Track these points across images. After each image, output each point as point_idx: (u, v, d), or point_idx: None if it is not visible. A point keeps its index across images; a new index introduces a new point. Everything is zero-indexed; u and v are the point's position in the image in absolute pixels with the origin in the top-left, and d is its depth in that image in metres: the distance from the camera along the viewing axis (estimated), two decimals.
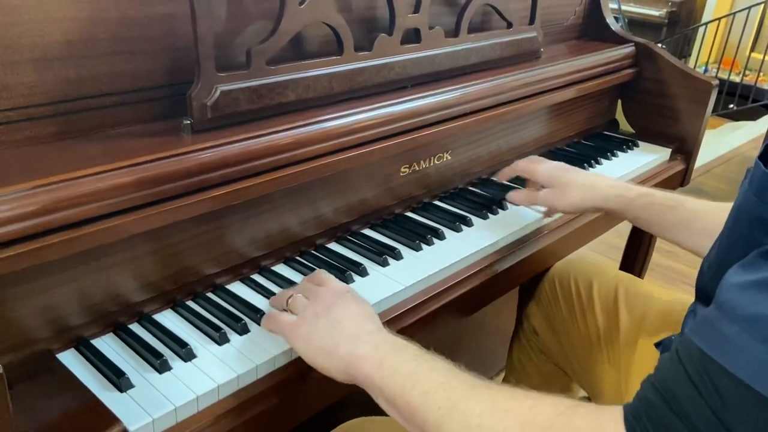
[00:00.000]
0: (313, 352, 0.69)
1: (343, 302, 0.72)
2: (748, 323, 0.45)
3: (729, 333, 0.46)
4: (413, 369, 0.62)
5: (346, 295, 0.74)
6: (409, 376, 0.62)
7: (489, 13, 1.19)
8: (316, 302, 0.73)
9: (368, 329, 0.69)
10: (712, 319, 0.48)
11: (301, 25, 0.87)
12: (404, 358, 0.64)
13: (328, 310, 0.71)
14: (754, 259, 0.49)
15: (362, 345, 0.66)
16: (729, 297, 0.48)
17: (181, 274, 0.81)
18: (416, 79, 1.04)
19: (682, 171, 1.45)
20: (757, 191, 0.58)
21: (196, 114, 0.79)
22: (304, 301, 0.74)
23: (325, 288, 0.75)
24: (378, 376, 0.63)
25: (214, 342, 0.76)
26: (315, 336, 0.69)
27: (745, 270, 0.49)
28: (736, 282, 0.48)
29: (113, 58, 0.75)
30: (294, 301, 0.75)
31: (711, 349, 0.47)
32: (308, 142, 0.85)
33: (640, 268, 1.62)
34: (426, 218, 1.07)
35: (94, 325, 0.75)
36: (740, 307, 0.46)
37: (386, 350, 0.65)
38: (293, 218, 0.92)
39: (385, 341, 0.67)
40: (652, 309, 1.01)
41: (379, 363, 0.64)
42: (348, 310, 0.71)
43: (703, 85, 1.40)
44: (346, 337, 0.68)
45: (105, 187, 0.67)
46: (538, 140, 1.34)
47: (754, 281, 0.47)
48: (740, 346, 0.45)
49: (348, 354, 0.66)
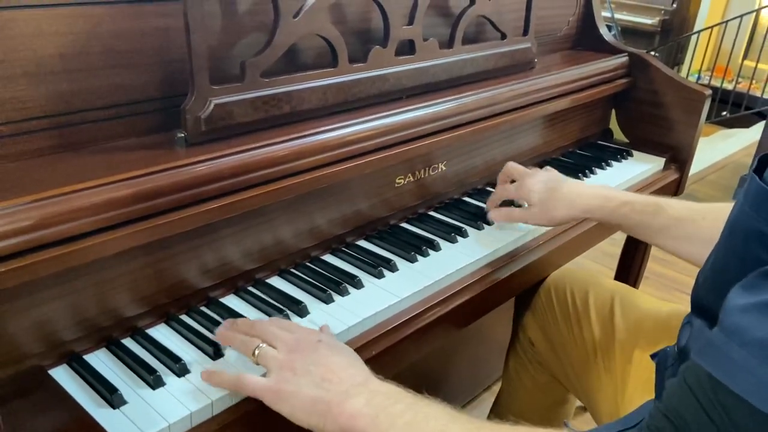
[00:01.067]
0: (303, 414, 0.65)
1: (322, 354, 0.68)
2: (757, 347, 0.45)
3: (737, 358, 0.45)
4: (410, 419, 0.61)
5: (321, 345, 0.69)
6: (407, 427, 0.60)
7: (483, 24, 1.19)
8: (291, 356, 0.68)
9: (356, 381, 0.66)
10: (719, 343, 0.47)
11: (295, 37, 0.87)
12: (399, 410, 0.62)
13: (308, 367, 0.66)
14: (756, 279, 0.49)
15: (353, 401, 0.63)
16: (734, 320, 0.47)
17: (175, 288, 0.81)
18: (411, 91, 1.04)
19: (676, 180, 1.45)
20: (752, 205, 0.58)
21: (190, 127, 0.79)
22: (276, 354, 0.69)
23: (295, 337, 0.70)
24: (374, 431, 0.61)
25: (208, 357, 0.75)
26: (300, 398, 0.65)
27: (748, 291, 0.49)
28: (741, 304, 0.48)
29: (107, 71, 0.75)
30: (264, 354, 0.69)
31: (720, 375, 0.46)
32: (303, 154, 0.85)
33: (635, 277, 1.63)
34: (421, 229, 1.07)
35: (87, 341, 0.75)
36: (747, 331, 0.46)
37: (379, 403, 0.63)
38: (288, 230, 0.91)
39: (377, 393, 0.64)
40: (647, 320, 1.01)
41: (375, 418, 0.62)
42: (329, 362, 0.67)
43: (697, 95, 1.40)
44: (335, 393, 0.64)
45: (99, 201, 0.66)
46: (534, 150, 1.34)
47: (759, 303, 0.46)
48: (749, 371, 0.44)
49: (340, 413, 0.63)
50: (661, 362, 0.83)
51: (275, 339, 0.70)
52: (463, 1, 1.11)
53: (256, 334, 0.72)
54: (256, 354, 0.70)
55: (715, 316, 0.66)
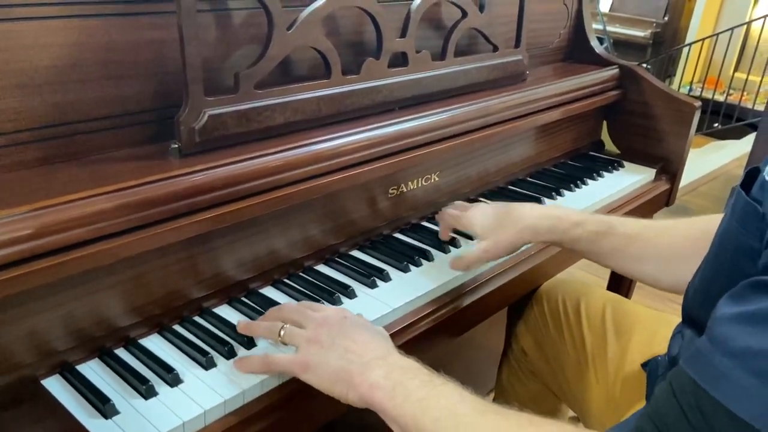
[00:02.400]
0: (328, 383, 0.69)
1: (346, 328, 0.72)
2: (740, 356, 0.46)
3: (721, 366, 0.46)
4: (423, 396, 0.63)
5: (345, 321, 0.74)
6: (419, 402, 0.63)
7: (475, 37, 1.21)
8: (317, 332, 0.72)
9: (377, 355, 0.69)
10: (706, 351, 0.49)
11: (289, 49, 0.87)
12: (415, 385, 0.65)
13: (334, 340, 0.71)
14: (743, 290, 0.50)
15: (374, 373, 0.67)
16: (721, 330, 0.48)
17: (168, 298, 0.81)
18: (404, 102, 1.05)
19: (667, 191, 1.46)
20: (740, 220, 0.58)
21: (184, 138, 0.79)
22: (302, 332, 0.73)
23: (321, 315, 0.75)
24: (390, 404, 0.64)
25: (200, 366, 0.75)
26: (327, 368, 0.69)
27: (735, 302, 0.50)
28: (728, 314, 0.49)
29: (101, 82, 0.76)
30: (290, 332, 0.74)
31: (704, 381, 0.47)
32: (297, 165, 0.85)
33: (627, 287, 1.63)
34: (415, 239, 1.07)
35: (80, 351, 0.75)
36: (732, 340, 0.47)
37: (397, 377, 0.66)
38: (281, 240, 0.92)
39: (396, 367, 0.67)
40: (638, 329, 1.01)
41: (391, 391, 0.65)
42: (353, 336, 0.71)
43: (687, 106, 1.42)
44: (357, 365, 0.68)
45: (93, 211, 0.67)
46: (526, 161, 1.35)
47: (745, 314, 0.48)
48: (732, 379, 0.45)
49: (361, 383, 0.66)
50: (652, 371, 0.84)
51: (303, 318, 0.75)
52: (456, 14, 1.12)
53: (283, 317, 0.76)
54: (282, 335, 0.74)
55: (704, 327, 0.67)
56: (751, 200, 0.57)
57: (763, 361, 0.44)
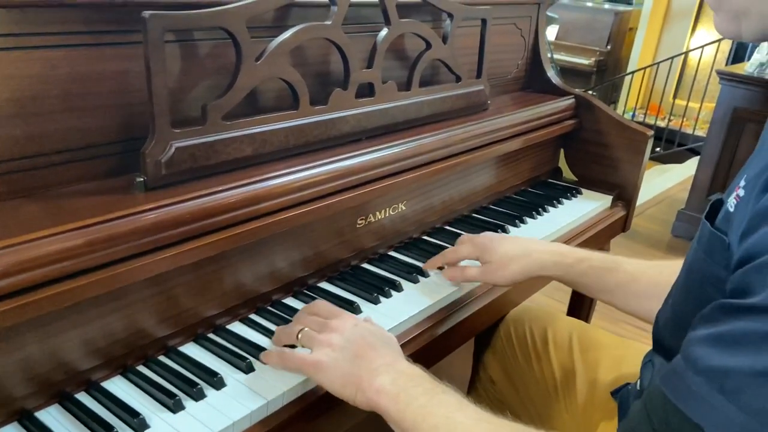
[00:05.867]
0: (338, 386, 0.72)
1: (358, 334, 0.75)
2: (710, 375, 0.48)
3: (693, 384, 0.49)
4: (425, 402, 0.67)
5: (358, 327, 0.77)
6: (420, 409, 0.66)
7: (438, 67, 1.22)
8: (332, 335, 0.75)
9: (386, 361, 0.72)
10: (679, 369, 0.51)
11: (257, 80, 0.86)
12: (418, 393, 0.68)
13: (346, 345, 0.74)
14: (714, 312, 0.52)
15: (381, 378, 0.70)
16: (693, 350, 0.51)
17: (132, 338, 0.78)
18: (371, 132, 1.05)
19: (623, 217, 1.50)
20: (706, 250, 0.60)
21: (150, 171, 0.77)
22: (318, 336, 0.76)
23: (337, 321, 0.78)
24: (394, 409, 0.68)
25: (168, 410, 0.72)
26: (338, 371, 0.72)
27: (706, 324, 0.52)
28: (700, 335, 0.52)
29: (64, 115, 0.73)
30: (306, 335, 0.77)
31: (676, 398, 0.50)
32: (265, 198, 0.84)
33: (587, 311, 1.66)
34: (384, 270, 1.06)
35: (38, 396, 0.70)
36: (703, 360, 0.50)
37: (402, 384, 0.69)
38: (248, 274, 0.90)
39: (402, 374, 0.71)
40: (605, 357, 1.02)
41: (396, 396, 0.68)
42: (364, 341, 0.75)
43: (639, 135, 1.46)
44: (365, 370, 0.71)
45: (54, 250, 0.64)
46: (488, 189, 1.37)
47: (715, 335, 0.50)
48: (702, 397, 0.48)
49: (369, 387, 0.70)
50: (624, 401, 0.85)
51: (317, 323, 0.78)
52: (420, 45, 1.14)
53: (301, 322, 0.80)
54: (299, 337, 0.78)
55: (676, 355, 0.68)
56: (717, 231, 0.59)
57: (731, 380, 0.47)
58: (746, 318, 0.48)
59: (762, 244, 0.49)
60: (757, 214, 0.51)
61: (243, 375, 0.79)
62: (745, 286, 0.49)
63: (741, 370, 0.46)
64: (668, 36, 5.80)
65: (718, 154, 3.00)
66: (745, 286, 0.49)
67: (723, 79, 2.93)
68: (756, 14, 0.58)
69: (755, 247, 0.50)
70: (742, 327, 0.48)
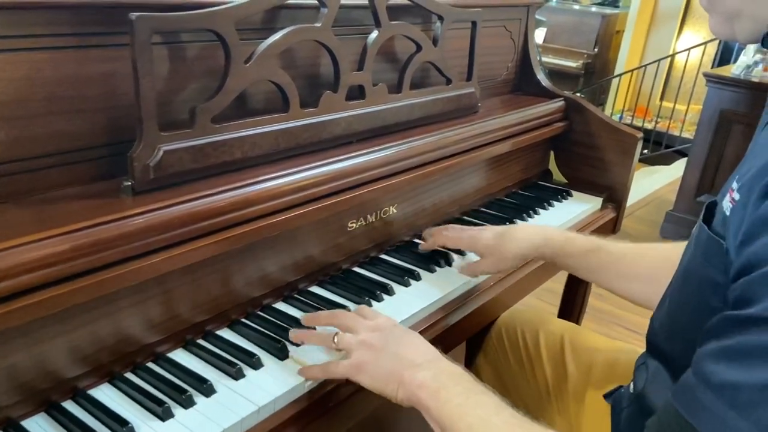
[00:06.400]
0: (380, 384, 0.74)
1: (397, 334, 0.78)
2: (720, 390, 0.48)
3: (704, 399, 0.50)
4: (462, 401, 0.67)
5: (396, 328, 0.79)
6: (458, 407, 0.67)
7: (429, 70, 1.22)
8: (371, 336, 0.77)
9: (428, 358, 0.74)
10: (690, 385, 0.52)
11: (246, 83, 0.85)
12: (457, 391, 0.69)
13: (386, 344, 0.76)
14: (722, 326, 0.52)
15: (423, 374, 0.71)
16: (703, 365, 0.51)
17: (120, 344, 0.76)
18: (361, 135, 1.04)
19: (613, 219, 1.51)
20: (703, 254, 0.60)
21: (138, 175, 0.76)
22: (355, 338, 0.78)
23: (373, 323, 0.80)
24: (433, 405, 0.68)
25: (157, 418, 0.71)
26: (380, 369, 0.74)
27: (715, 337, 0.52)
28: (709, 350, 0.52)
29: (49, 118, 0.72)
30: (342, 338, 0.79)
31: (688, 413, 0.50)
32: (254, 202, 0.83)
33: (578, 313, 1.66)
34: (374, 273, 1.06)
35: (24, 405, 0.69)
36: (713, 375, 0.50)
37: (443, 381, 0.70)
38: (239, 279, 0.88)
39: (443, 372, 0.72)
40: (597, 360, 1.02)
41: (435, 393, 0.69)
42: (404, 341, 0.77)
43: (629, 137, 1.47)
44: (407, 366, 0.73)
45: (40, 256, 0.62)
46: (479, 191, 1.36)
47: (724, 349, 0.50)
48: (713, 411, 0.48)
49: (411, 382, 0.71)
50: (616, 404, 0.84)
51: (355, 324, 0.80)
52: (410, 48, 1.13)
53: (337, 323, 0.82)
54: (336, 341, 0.79)
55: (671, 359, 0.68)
56: (714, 235, 0.59)
57: (741, 394, 0.47)
58: (753, 330, 0.48)
59: (761, 254, 0.49)
60: (756, 221, 0.51)
61: (233, 381, 0.78)
62: (747, 296, 0.49)
63: (751, 385, 0.46)
64: (655, 39, 5.84)
65: (705, 156, 3.02)
66: (748, 295, 0.49)
67: (710, 82, 2.95)
68: (748, 16, 0.58)
69: (757, 256, 0.50)
70: (749, 340, 0.48)
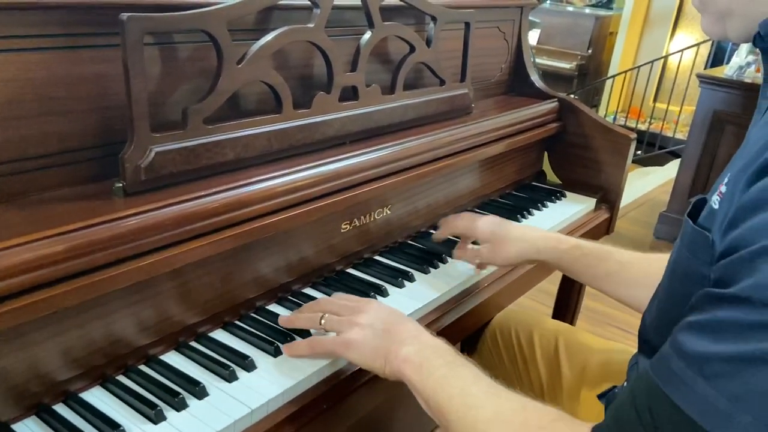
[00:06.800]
0: (368, 360, 0.77)
1: (381, 313, 0.80)
2: (693, 360, 0.50)
3: (677, 368, 0.51)
4: (444, 373, 0.70)
5: (380, 307, 0.82)
6: (441, 379, 0.70)
7: (422, 71, 1.22)
8: (356, 315, 0.79)
9: (411, 334, 0.77)
10: (666, 355, 0.54)
11: (239, 83, 0.85)
12: (439, 364, 0.72)
13: (372, 323, 0.78)
14: (699, 301, 0.54)
15: (407, 348, 0.74)
16: (678, 336, 0.53)
17: (112, 347, 0.76)
18: (355, 136, 1.04)
19: (607, 219, 1.51)
20: (689, 248, 0.61)
21: (129, 176, 0.75)
22: (343, 318, 0.80)
23: (356, 304, 0.82)
24: (417, 378, 0.72)
25: (149, 421, 0.70)
26: (368, 346, 0.77)
27: (692, 312, 0.54)
28: (686, 322, 0.54)
29: (40, 119, 0.71)
30: (330, 319, 0.81)
31: (661, 381, 0.52)
32: (248, 203, 0.82)
33: (572, 314, 1.66)
34: (368, 274, 1.05)
35: (15, 409, 0.68)
36: (686, 346, 0.52)
37: (426, 355, 0.73)
38: (232, 281, 0.88)
39: (427, 346, 0.75)
40: (591, 360, 1.02)
41: (419, 366, 0.72)
42: (388, 319, 0.79)
43: (622, 138, 1.47)
44: (393, 341, 0.76)
45: (31, 258, 0.62)
46: (473, 193, 1.36)
47: (700, 322, 0.52)
48: (685, 381, 0.50)
49: (396, 357, 0.74)
50: (610, 404, 0.84)
51: (339, 308, 0.82)
52: (404, 49, 1.13)
53: (321, 308, 0.83)
54: (323, 323, 0.81)
55: None
56: (700, 228, 0.59)
57: (711, 366, 0.49)
58: (728, 307, 0.49)
59: (745, 236, 0.50)
60: (742, 206, 0.51)
61: (226, 383, 0.77)
62: (728, 277, 0.51)
63: (721, 357, 0.48)
64: (648, 40, 5.87)
65: (698, 157, 3.03)
66: (729, 276, 0.50)
67: (703, 83, 2.97)
68: (740, 15, 0.58)
69: (739, 238, 0.51)
70: (724, 315, 0.49)
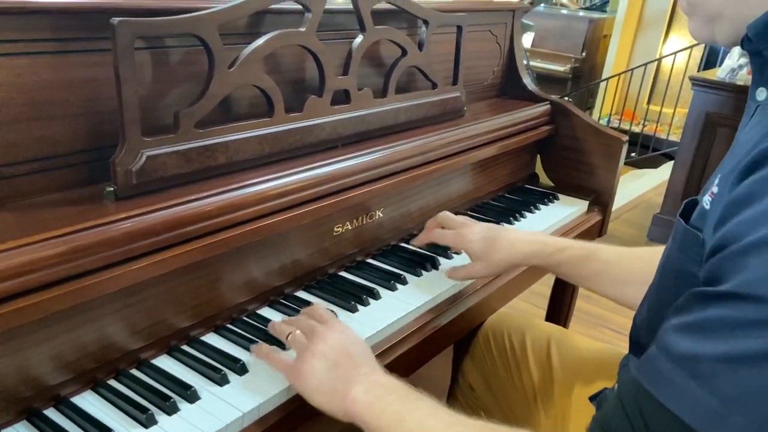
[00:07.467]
0: (313, 393, 0.74)
1: (340, 344, 0.76)
2: (681, 361, 0.50)
3: (665, 370, 0.51)
4: (399, 409, 0.68)
5: (341, 336, 0.78)
6: (395, 415, 0.67)
7: (414, 74, 1.22)
8: (315, 343, 0.76)
9: (362, 372, 0.73)
10: (653, 356, 0.53)
11: (231, 87, 0.85)
12: (392, 399, 0.69)
13: (326, 353, 0.75)
14: (686, 301, 0.53)
15: (356, 388, 0.71)
16: (666, 337, 0.53)
17: (103, 351, 0.76)
18: (347, 139, 1.04)
19: (599, 222, 1.51)
20: (680, 247, 0.61)
21: (120, 180, 0.76)
22: (304, 341, 0.78)
23: (323, 327, 0.79)
24: (369, 416, 0.69)
25: (140, 425, 0.70)
26: (314, 379, 0.74)
27: (679, 312, 0.53)
28: (673, 323, 0.53)
29: (30, 123, 0.71)
30: (294, 338, 0.79)
31: (649, 384, 0.51)
32: (239, 207, 0.82)
33: (565, 316, 1.67)
34: (361, 277, 1.05)
35: (5, 413, 0.68)
36: (674, 346, 0.51)
37: (376, 393, 0.71)
38: (224, 284, 0.88)
39: (377, 384, 0.72)
40: (583, 362, 1.03)
41: (370, 405, 0.69)
42: (344, 351, 0.75)
43: (614, 141, 1.48)
44: (342, 379, 0.72)
45: (21, 262, 0.62)
46: (465, 195, 1.37)
47: (687, 322, 0.52)
48: (674, 382, 0.50)
49: (344, 397, 0.71)
50: (602, 405, 0.85)
51: (308, 328, 0.80)
52: (396, 52, 1.13)
53: (296, 324, 0.82)
54: (289, 339, 0.80)
55: None
56: (691, 228, 0.59)
57: (702, 366, 0.48)
58: (717, 305, 0.49)
59: (734, 232, 0.50)
60: (731, 203, 0.52)
61: (218, 387, 0.77)
62: (717, 274, 0.50)
63: (712, 356, 0.48)
64: (641, 43, 5.89)
65: (691, 159, 3.05)
66: (718, 273, 0.50)
67: (696, 85, 2.98)
68: (728, 18, 0.58)
69: (728, 234, 0.50)
70: (713, 314, 0.49)
